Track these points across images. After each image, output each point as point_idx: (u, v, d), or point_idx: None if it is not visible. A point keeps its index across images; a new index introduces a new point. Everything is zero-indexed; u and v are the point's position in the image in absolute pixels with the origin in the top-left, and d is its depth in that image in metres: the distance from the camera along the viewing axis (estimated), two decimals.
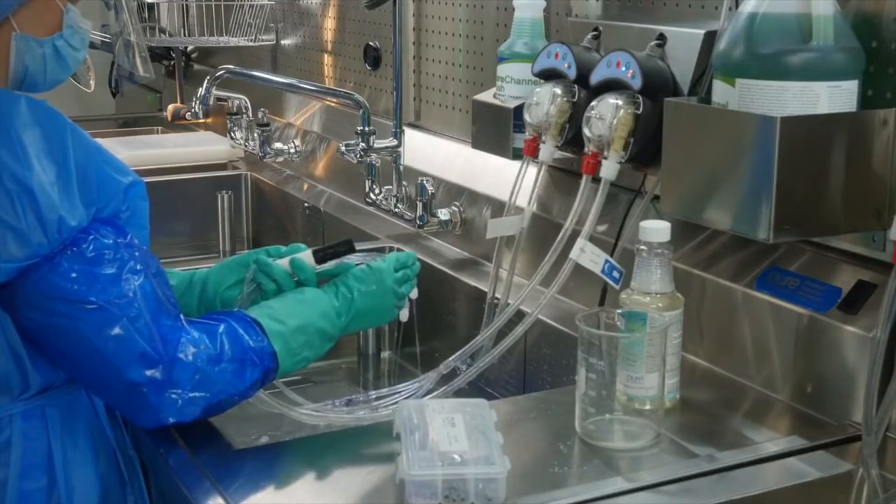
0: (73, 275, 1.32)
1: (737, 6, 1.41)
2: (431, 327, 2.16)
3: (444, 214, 2.25)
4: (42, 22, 1.41)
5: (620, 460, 1.32)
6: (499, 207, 1.96)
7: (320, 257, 1.63)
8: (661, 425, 1.38)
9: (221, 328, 1.42)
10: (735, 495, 1.25)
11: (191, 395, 1.37)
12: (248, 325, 1.45)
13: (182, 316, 1.43)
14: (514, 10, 1.86)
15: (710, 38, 1.53)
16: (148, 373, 1.35)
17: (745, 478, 1.29)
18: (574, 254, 1.53)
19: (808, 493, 1.29)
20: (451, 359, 1.63)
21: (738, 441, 1.37)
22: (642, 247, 1.44)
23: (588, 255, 1.53)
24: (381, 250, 2.13)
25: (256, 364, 1.43)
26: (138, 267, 1.37)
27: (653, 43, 1.62)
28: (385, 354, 2.29)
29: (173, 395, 1.37)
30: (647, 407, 1.39)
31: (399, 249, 2.26)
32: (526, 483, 1.25)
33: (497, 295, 1.81)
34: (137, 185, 1.44)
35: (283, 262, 1.60)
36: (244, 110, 3.15)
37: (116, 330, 1.33)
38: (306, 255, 1.62)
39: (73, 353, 1.37)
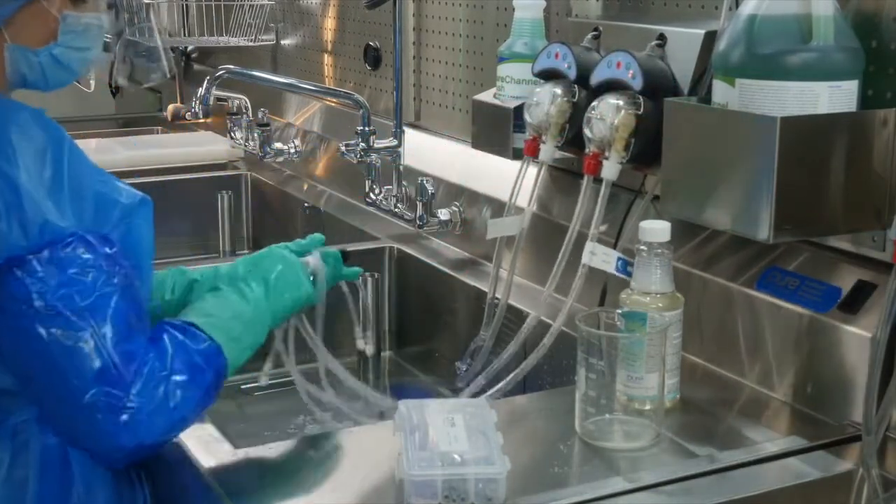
0: (40, 275, 1.29)
1: (737, 6, 1.41)
2: (431, 327, 2.16)
3: (444, 214, 2.25)
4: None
5: (620, 460, 1.32)
6: (499, 207, 1.96)
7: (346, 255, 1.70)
8: (661, 425, 1.38)
9: (166, 339, 1.36)
10: (735, 495, 1.25)
11: (148, 414, 1.31)
12: (184, 330, 1.39)
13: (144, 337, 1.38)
14: (514, 10, 1.86)
15: (710, 38, 1.53)
16: (104, 390, 1.29)
17: (745, 478, 1.29)
18: (585, 258, 1.54)
19: (808, 493, 1.29)
20: (479, 377, 1.70)
21: (738, 441, 1.37)
22: (642, 247, 1.44)
23: (599, 257, 1.54)
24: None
25: (205, 369, 1.38)
26: (115, 281, 1.33)
27: (653, 43, 1.61)
28: (385, 354, 2.29)
29: (127, 416, 1.29)
30: (647, 407, 1.39)
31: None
32: (526, 483, 1.25)
33: (497, 295, 1.81)
34: (142, 206, 1.41)
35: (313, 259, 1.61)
36: (244, 110, 3.15)
37: (77, 343, 1.29)
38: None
39: (31, 365, 1.32)
